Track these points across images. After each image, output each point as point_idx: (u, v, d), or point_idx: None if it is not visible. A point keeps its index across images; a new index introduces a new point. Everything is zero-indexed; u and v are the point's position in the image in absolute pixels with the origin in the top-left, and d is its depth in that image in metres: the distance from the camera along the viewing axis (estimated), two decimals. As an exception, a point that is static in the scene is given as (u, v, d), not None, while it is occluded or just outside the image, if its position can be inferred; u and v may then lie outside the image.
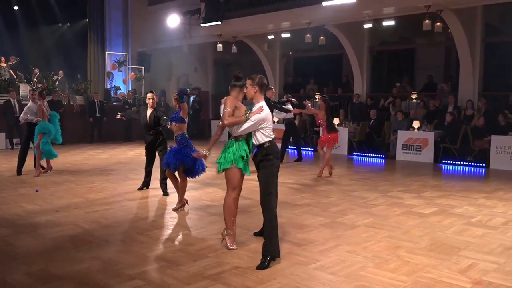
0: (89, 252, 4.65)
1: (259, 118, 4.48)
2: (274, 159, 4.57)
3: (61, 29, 21.96)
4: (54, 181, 8.67)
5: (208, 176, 9.36)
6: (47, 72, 16.90)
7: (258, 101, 4.58)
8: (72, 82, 17.73)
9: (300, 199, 7.31)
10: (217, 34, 16.34)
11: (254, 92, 4.55)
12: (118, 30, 19.39)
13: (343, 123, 14.32)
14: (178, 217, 6.13)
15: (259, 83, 4.54)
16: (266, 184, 4.52)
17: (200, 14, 16.60)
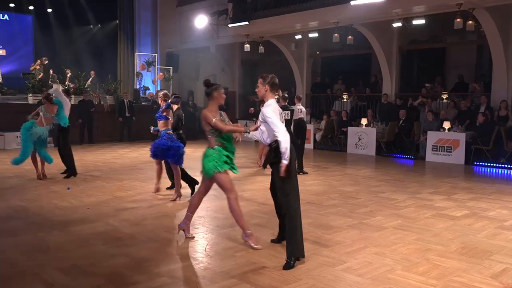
0: (118, 249, 4.73)
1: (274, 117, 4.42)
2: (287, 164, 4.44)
3: (92, 31, 22.47)
4: (85, 179, 8.86)
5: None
6: (78, 73, 17.29)
7: (268, 99, 4.60)
8: (102, 82, 18.11)
9: (327, 200, 7.25)
10: (245, 34, 16.39)
11: (264, 90, 4.60)
12: (147, 31, 19.69)
13: (371, 123, 14.16)
14: (204, 216, 6.17)
15: (270, 82, 4.59)
16: (282, 185, 4.46)
17: (227, 14, 16.67)
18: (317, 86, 17.95)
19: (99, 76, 18.53)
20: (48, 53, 19.21)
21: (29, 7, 21.14)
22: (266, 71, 18.26)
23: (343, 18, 13.61)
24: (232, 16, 16.44)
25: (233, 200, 4.78)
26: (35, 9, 21.35)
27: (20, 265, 4.24)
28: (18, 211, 6.31)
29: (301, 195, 7.38)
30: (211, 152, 4.79)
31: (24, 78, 16.87)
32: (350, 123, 14.70)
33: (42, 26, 21.35)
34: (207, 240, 5.11)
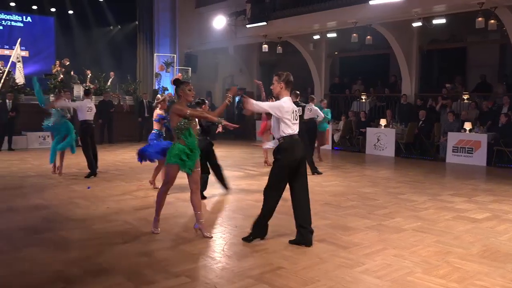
0: (137, 248, 4.77)
1: (274, 105, 4.69)
2: (280, 159, 4.71)
3: (112, 32, 22.73)
4: (105, 179, 8.97)
5: (253, 177, 9.42)
6: (98, 73, 17.52)
7: (283, 97, 4.73)
8: (122, 83, 18.31)
9: (345, 201, 7.20)
10: (263, 35, 16.38)
11: (280, 88, 4.73)
12: (166, 32, 19.85)
13: (390, 124, 14.02)
14: (223, 216, 6.19)
15: (285, 79, 4.71)
16: (268, 178, 4.82)
17: (245, 15, 16.69)
18: (336, 87, 17.84)
19: (119, 77, 18.74)
20: (69, 54, 19.50)
21: (51, 9, 21.50)
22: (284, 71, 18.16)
23: (362, 18, 13.50)
24: (250, 17, 16.46)
25: (162, 190, 5.19)
26: (56, 11, 21.70)
27: (41, 263, 4.32)
28: (39, 210, 6.42)
29: (319, 196, 7.45)
30: (176, 146, 4.99)
31: (46, 79, 17.15)
32: (369, 124, 14.58)
33: (64, 27, 21.69)
34: (225, 240, 5.12)
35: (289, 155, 4.69)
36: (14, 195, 7.42)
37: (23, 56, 17.41)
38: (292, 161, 4.70)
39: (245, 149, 15.03)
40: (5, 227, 5.55)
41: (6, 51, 20.30)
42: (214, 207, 6.72)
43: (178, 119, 4.90)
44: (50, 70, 18.54)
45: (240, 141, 17.75)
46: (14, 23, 21.29)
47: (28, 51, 20.86)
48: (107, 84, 17.34)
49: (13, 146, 13.54)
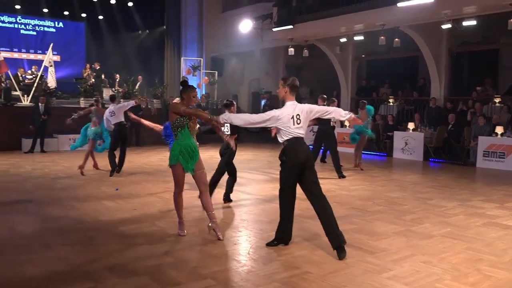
0: (164, 250, 4.81)
1: (271, 114, 4.70)
2: (285, 161, 4.73)
3: (141, 36, 23.15)
4: (132, 181, 9.10)
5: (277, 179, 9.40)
6: (127, 77, 17.83)
7: (287, 101, 4.73)
8: (150, 87, 18.58)
9: (372, 206, 7.10)
10: (289, 38, 16.36)
11: (284, 92, 4.74)
12: (193, 36, 20.08)
13: (419, 127, 13.78)
14: (248, 220, 6.19)
15: (290, 84, 4.71)
16: (279, 182, 4.90)
17: (272, 18, 16.72)
18: (362, 90, 17.66)
19: (147, 81, 19.03)
20: (98, 58, 19.97)
21: (81, 15, 22.04)
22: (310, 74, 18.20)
23: (390, 20, 13.33)
24: (276, 20, 16.47)
25: (175, 193, 5.26)
26: (87, 17, 22.25)
27: (70, 263, 4.40)
28: (69, 210, 6.56)
29: (345, 200, 7.38)
30: (174, 144, 5.12)
31: (77, 82, 17.59)
32: (396, 128, 14.37)
33: (94, 32, 22.22)
34: (251, 243, 5.12)
35: (293, 157, 4.68)
36: (46, 195, 7.60)
37: (55, 61, 17.85)
38: (297, 163, 4.68)
39: (271, 152, 15.01)
40: (38, 227, 5.70)
41: (39, 55, 20.92)
42: (240, 211, 6.73)
43: (174, 116, 5.05)
44: (81, 74, 18.99)
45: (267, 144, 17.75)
46: (47, 29, 21.92)
47: (59, 55, 21.43)
48: (135, 88, 17.62)
49: (45, 148, 13.89)
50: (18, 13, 20.92)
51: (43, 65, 16.19)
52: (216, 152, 7.71)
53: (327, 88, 18.57)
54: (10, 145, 13.87)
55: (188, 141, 5.08)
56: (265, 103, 19.86)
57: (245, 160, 12.68)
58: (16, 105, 14.83)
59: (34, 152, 13.56)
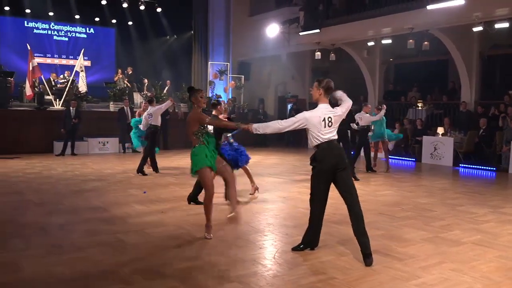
0: (191, 253, 4.86)
1: (300, 117, 4.68)
2: (315, 165, 4.74)
3: (169, 41, 23.49)
4: (160, 184, 9.22)
5: (305, 186, 9.37)
6: (155, 82, 18.10)
7: (320, 103, 4.74)
8: (177, 91, 18.81)
9: (400, 211, 7.00)
10: (316, 42, 16.31)
11: (319, 94, 4.74)
12: (220, 41, 20.22)
13: (448, 132, 13.51)
14: (274, 223, 6.19)
15: (325, 86, 4.72)
16: (310, 188, 4.88)
17: (299, 22, 16.70)
18: (390, 94, 17.44)
19: (174, 85, 19.28)
20: (128, 63, 20.35)
21: (112, 21, 22.53)
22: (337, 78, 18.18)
23: (419, 24, 13.13)
24: (303, 24, 16.45)
25: (206, 198, 5.32)
26: (117, 23, 22.73)
27: (100, 264, 4.49)
28: (99, 212, 6.69)
29: (372, 205, 7.29)
30: (198, 149, 5.30)
31: (106, 87, 17.96)
32: (425, 132, 14.12)
33: (123, 38, 22.69)
34: (276, 247, 5.11)
35: (321, 162, 4.66)
36: (77, 197, 7.78)
37: (86, 66, 18.31)
38: (327, 169, 4.65)
39: (297, 156, 14.98)
40: (68, 228, 5.83)
41: (71, 61, 21.50)
42: (266, 215, 6.73)
43: (197, 125, 5.27)
44: (110, 78, 19.40)
45: (293, 148, 17.73)
46: (79, 35, 22.52)
47: (90, 60, 21.96)
48: (163, 92, 17.87)
49: (76, 151, 14.22)
50: (51, 20, 21.54)
51: (75, 70, 16.61)
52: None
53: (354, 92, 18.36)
54: (43, 148, 14.26)
55: (213, 143, 5.37)
56: (291, 107, 19.82)
57: (271, 164, 12.68)
58: (49, 109, 15.25)
59: (65, 155, 13.90)
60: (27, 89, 15.29)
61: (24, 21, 21.13)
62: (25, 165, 11.70)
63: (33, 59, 15.10)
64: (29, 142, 14.13)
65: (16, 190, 8.38)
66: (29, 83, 15.10)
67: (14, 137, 13.97)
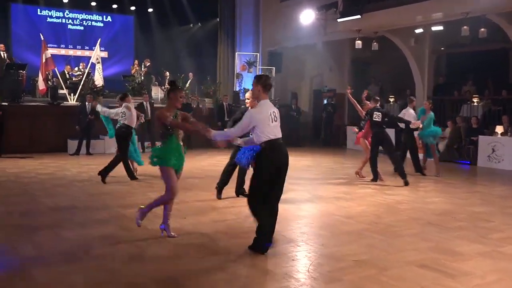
0: (216, 263, 4.89)
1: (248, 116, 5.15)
2: (260, 164, 5.15)
3: (192, 30, 23.66)
4: (182, 187, 9.27)
5: (342, 190, 9.30)
6: (177, 75, 18.28)
7: (261, 100, 5.22)
8: (201, 85, 18.93)
9: (452, 221, 6.86)
10: (356, 30, 16.17)
11: (257, 91, 5.23)
12: (249, 29, 20.24)
13: (509, 131, 13.16)
14: (307, 233, 6.17)
15: (263, 83, 5.20)
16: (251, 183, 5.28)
17: (337, 8, 16.59)
18: (441, 88, 17.12)
19: (198, 78, 19.41)
20: (147, 54, 20.63)
21: (131, 8, 22.88)
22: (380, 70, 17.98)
23: (475, 8, 12.84)
24: (342, 10, 16.32)
25: (165, 197, 5.74)
26: (136, 10, 23.07)
27: (116, 274, 4.57)
28: (116, 218, 6.82)
29: (420, 213, 7.20)
30: (167, 144, 5.64)
31: (124, 80, 18.21)
32: (482, 132, 13.80)
33: (143, 26, 23.01)
34: (310, 259, 5.09)
35: (268, 161, 5.11)
36: (92, 201, 7.95)
37: (102, 57, 18.61)
38: (273, 167, 5.12)
39: (334, 157, 14.89)
40: (83, 234, 5.96)
41: (87, 52, 21.95)
42: (299, 223, 6.71)
43: (161, 125, 5.59)
44: (129, 71, 19.69)
45: (328, 148, 17.62)
46: (95, 23, 22.97)
47: (107, 51, 22.35)
48: (186, 86, 18.01)
49: (91, 151, 14.50)
50: (66, 7, 22.04)
51: (90, 62, 16.92)
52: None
53: (400, 85, 18.18)
54: (56, 147, 14.62)
55: (177, 147, 5.67)
56: (327, 102, 19.69)
57: (304, 167, 12.64)
58: (63, 104, 15.61)
59: (80, 154, 14.21)
60: (40, 82, 15.68)
61: (37, 9, 21.69)
62: (37, 165, 12.03)
63: (46, 50, 15.50)
64: (42, 140, 14.52)
65: (29, 192, 8.62)
66: (42, 77, 15.49)
67: (26, 134, 14.38)
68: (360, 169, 10.69)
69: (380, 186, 9.75)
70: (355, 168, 11.15)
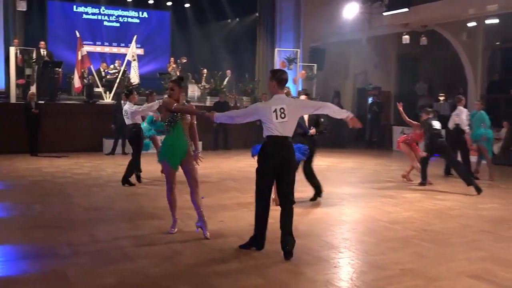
0: (254, 269, 4.91)
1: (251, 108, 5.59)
2: (259, 158, 5.42)
3: (230, 25, 23.80)
4: (219, 189, 9.40)
5: (388, 195, 9.19)
6: (215, 72, 18.42)
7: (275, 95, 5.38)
8: (239, 82, 19.02)
9: (507, 229, 6.69)
10: (403, 24, 15.96)
11: (272, 86, 5.42)
12: (289, 24, 20.20)
13: None
14: (350, 239, 6.12)
15: (278, 78, 5.36)
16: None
17: (383, 0, 16.40)
18: (495, 85, 16.65)
19: (236, 75, 19.51)
20: (184, 51, 20.90)
21: (167, 3, 23.23)
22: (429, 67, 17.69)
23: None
24: (388, 3, 16.13)
25: (167, 190, 6.18)
26: (173, 5, 23.40)
27: (152, 277, 4.66)
28: (151, 219, 6.94)
29: (472, 220, 7.05)
30: (166, 138, 5.97)
31: (160, 78, 18.48)
32: (542, 133, 13.36)
33: (179, 22, 23.32)
34: (353, 267, 5.05)
35: (262, 156, 5.34)
36: (128, 202, 8.13)
37: (138, 54, 18.93)
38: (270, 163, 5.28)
39: (379, 159, 14.70)
40: (119, 235, 6.10)
41: (122, 49, 22.40)
42: (342, 228, 6.67)
43: (166, 113, 5.84)
44: (165, 68, 19.98)
45: (373, 150, 17.42)
46: (131, 20, 23.41)
47: (143, 48, 22.75)
48: (223, 84, 18.14)
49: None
50: (102, 4, 22.58)
51: (126, 59, 17.26)
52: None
53: (450, 83, 17.81)
54: (92, 146, 14.99)
55: (179, 137, 5.86)
56: (372, 101, 19.47)
57: (348, 169, 12.55)
58: (98, 103, 16.01)
59: (115, 154, 14.52)
60: (76, 80, 16.10)
61: (73, 6, 22.30)
62: (73, 164, 12.38)
63: (82, 47, 15.93)
64: (77, 139, 14.92)
65: (64, 192, 8.89)
66: (77, 74, 15.91)
67: (61, 133, 14.81)
68: (408, 172, 10.52)
69: (429, 190, 9.57)
70: (402, 171, 10.99)
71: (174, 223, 6.24)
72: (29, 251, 5.45)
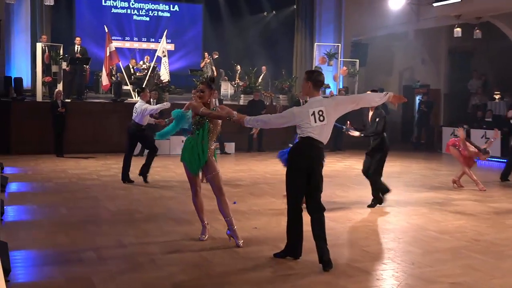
0: (287, 280, 4.90)
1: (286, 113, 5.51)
2: (289, 163, 5.47)
3: (266, 19, 23.81)
4: (252, 193, 9.41)
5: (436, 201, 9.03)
6: (249, 69, 18.46)
7: (311, 97, 5.37)
8: (275, 79, 19.00)
9: None
10: (455, 15, 15.70)
11: (308, 88, 5.39)
12: (330, 16, 20.07)
13: None
14: (395, 249, 6.04)
15: (314, 79, 5.34)
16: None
17: (432, -10, 16.18)
18: (559, 82, 16.21)
19: (272, 72, 19.50)
20: (217, 46, 20.99)
21: (200, -4, 23.44)
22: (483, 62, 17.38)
23: None
24: (438, -8, 15.90)
25: (192, 195, 6.31)
26: (206, -2, 23.56)
27: (179, 284, 4.70)
28: (180, 224, 7.01)
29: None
30: (187, 140, 6.14)
31: (192, 75, 18.63)
32: None
33: (212, 16, 23.45)
34: (398, 280, 4.98)
35: (293, 158, 5.39)
36: (156, 206, 8.23)
37: (169, 50, 19.10)
38: (302, 162, 5.31)
39: (426, 163, 14.47)
40: (146, 241, 6.18)
41: (152, 44, 22.68)
42: (386, 238, 6.59)
43: (194, 116, 6.03)
44: (197, 65, 20.12)
45: (421, 153, 17.15)
46: (161, 13, 23.67)
47: (173, 44, 22.97)
48: (258, 81, 18.15)
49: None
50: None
51: (156, 55, 17.46)
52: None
53: (507, 80, 17.38)
54: (120, 146, 15.16)
55: (202, 142, 5.93)
56: (420, 100, 19.16)
57: (393, 173, 12.36)
58: (126, 102, 16.22)
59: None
60: (104, 78, 16.38)
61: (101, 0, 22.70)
62: (100, 166, 12.62)
63: (111, 43, 16.19)
64: (104, 140, 15.15)
65: (91, 195, 9.05)
66: (105, 71, 16.16)
67: (88, 133, 15.06)
68: (459, 177, 10.32)
69: (482, 197, 9.36)
70: (452, 175, 10.77)
71: (204, 229, 6.31)
72: (54, 256, 5.57)
